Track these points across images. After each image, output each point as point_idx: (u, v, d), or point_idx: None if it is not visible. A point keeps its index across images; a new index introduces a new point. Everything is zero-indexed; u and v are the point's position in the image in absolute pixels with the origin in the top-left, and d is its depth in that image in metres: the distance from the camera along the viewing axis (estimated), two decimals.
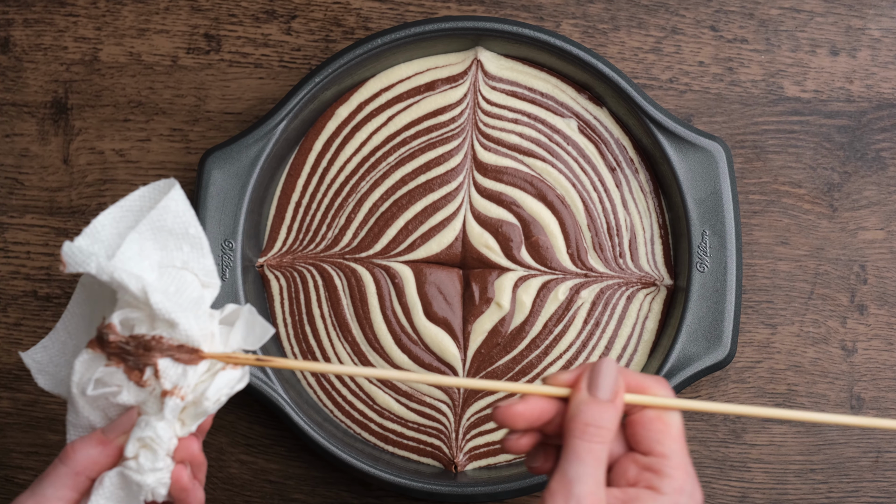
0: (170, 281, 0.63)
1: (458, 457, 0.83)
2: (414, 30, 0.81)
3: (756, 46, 0.87)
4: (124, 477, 0.62)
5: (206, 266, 0.64)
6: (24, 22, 0.87)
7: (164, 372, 0.61)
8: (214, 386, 0.62)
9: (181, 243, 0.64)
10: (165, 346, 0.61)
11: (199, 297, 0.63)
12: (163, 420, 0.62)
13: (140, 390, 0.62)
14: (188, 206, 0.64)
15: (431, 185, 0.84)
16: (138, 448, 0.62)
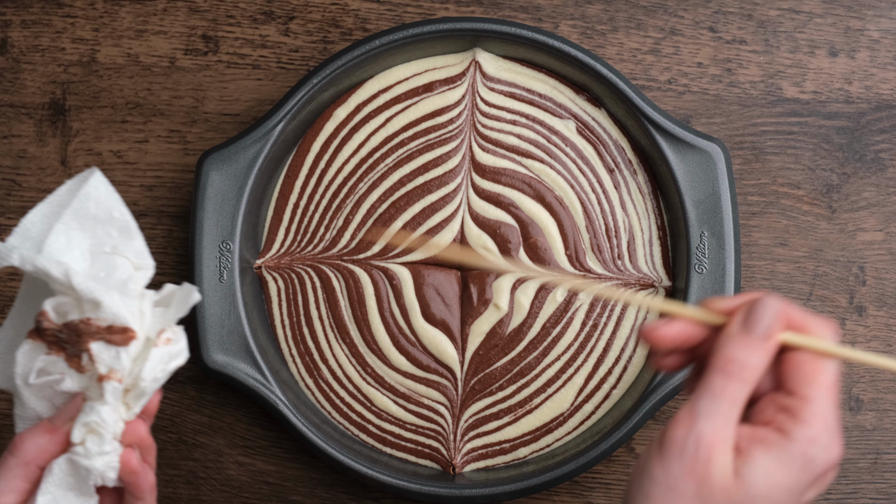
0: (101, 266, 0.64)
1: (455, 458, 0.83)
2: (412, 31, 0.81)
3: (755, 47, 0.86)
4: (73, 463, 0.63)
5: (136, 248, 0.65)
6: (21, 23, 0.87)
7: (97, 356, 0.62)
8: (149, 365, 0.62)
9: (108, 228, 0.64)
10: (94, 329, 0.62)
11: (129, 277, 0.64)
12: (106, 404, 0.62)
13: (81, 376, 0.63)
14: (111, 191, 0.64)
15: (430, 187, 0.84)
16: (84, 433, 0.62)
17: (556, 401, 0.83)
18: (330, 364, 0.83)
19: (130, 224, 0.65)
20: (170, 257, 0.86)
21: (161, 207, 0.86)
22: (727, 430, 0.56)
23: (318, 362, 0.83)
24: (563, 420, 0.83)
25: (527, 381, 0.83)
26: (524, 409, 0.83)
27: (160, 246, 0.86)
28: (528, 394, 0.83)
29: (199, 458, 0.85)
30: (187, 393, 0.85)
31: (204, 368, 0.81)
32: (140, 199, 0.86)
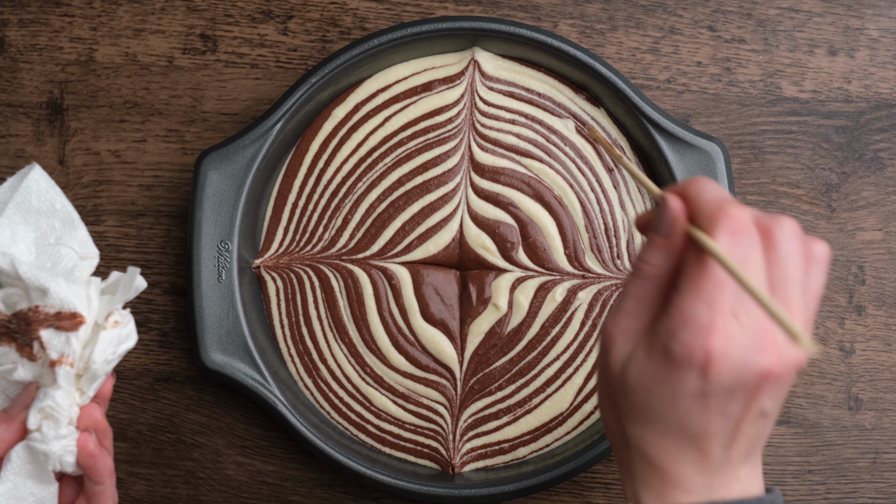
0: (46, 257, 0.65)
1: (455, 458, 0.83)
2: (411, 30, 0.81)
3: (754, 46, 0.86)
4: (30, 449, 0.64)
5: (80, 237, 0.66)
6: (19, 22, 0.86)
7: (48, 342, 0.63)
8: (99, 348, 0.64)
9: (52, 220, 0.66)
10: (43, 316, 0.63)
11: (75, 265, 0.65)
12: (60, 388, 0.63)
13: (33, 365, 0.64)
14: (51, 184, 0.66)
15: (428, 186, 0.83)
16: (40, 419, 0.64)
17: (556, 400, 0.83)
18: (329, 364, 0.83)
19: (73, 215, 0.66)
20: (168, 257, 0.86)
21: (159, 207, 0.86)
22: (628, 324, 0.57)
23: (316, 362, 0.83)
24: (563, 420, 0.83)
25: (526, 381, 0.83)
26: (523, 408, 0.83)
27: (158, 246, 0.86)
28: (528, 393, 0.83)
29: (198, 458, 0.85)
30: (186, 393, 0.85)
31: (202, 368, 0.80)
32: (138, 198, 0.86)
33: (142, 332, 0.85)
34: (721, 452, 0.57)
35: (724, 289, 0.54)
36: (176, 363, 0.85)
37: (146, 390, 0.85)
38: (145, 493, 0.85)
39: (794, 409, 0.85)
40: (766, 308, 0.52)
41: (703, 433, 0.56)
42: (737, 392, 0.55)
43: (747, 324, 0.55)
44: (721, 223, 0.54)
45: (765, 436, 0.59)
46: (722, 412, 0.56)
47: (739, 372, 0.55)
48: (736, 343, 0.54)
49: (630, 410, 0.58)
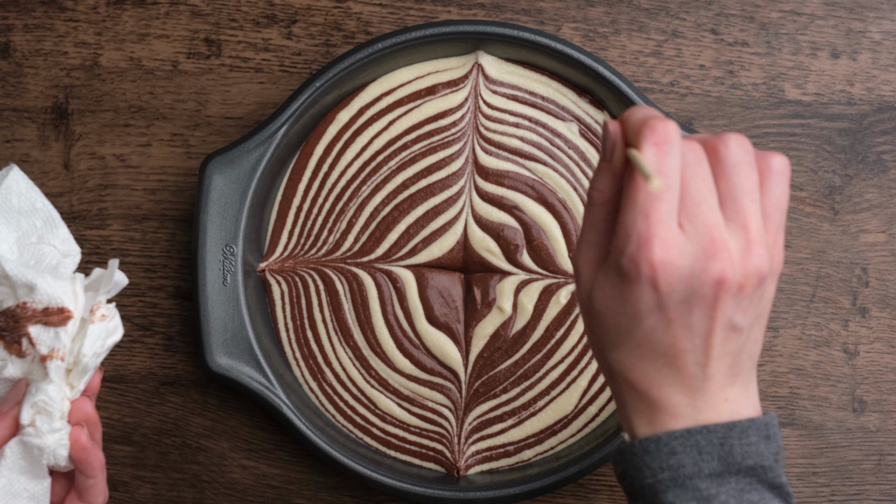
0: (30, 256, 0.66)
1: (460, 461, 0.83)
2: (415, 34, 0.81)
3: (757, 49, 0.87)
4: (24, 444, 0.64)
5: (61, 235, 0.67)
6: (24, 27, 0.87)
7: (37, 338, 0.64)
8: (88, 341, 0.64)
9: (33, 220, 0.67)
10: (31, 313, 0.64)
11: (59, 263, 0.66)
12: (52, 383, 0.64)
13: (22, 361, 0.64)
14: (30, 184, 0.67)
15: (433, 190, 0.84)
16: (33, 414, 0.64)
17: (561, 403, 0.83)
18: (334, 367, 0.83)
19: (53, 213, 0.67)
20: (173, 261, 0.86)
21: (164, 211, 0.86)
22: (590, 252, 0.59)
23: (321, 365, 0.83)
24: (568, 422, 0.83)
25: (531, 384, 0.83)
26: (528, 411, 0.83)
27: (163, 249, 0.86)
28: (532, 396, 0.83)
29: (203, 461, 0.85)
30: (191, 396, 0.85)
31: (208, 372, 0.81)
32: (143, 202, 0.86)
33: (147, 335, 0.86)
34: (698, 370, 0.58)
35: (658, 199, 0.56)
36: (181, 367, 0.86)
37: (151, 394, 0.85)
38: (150, 497, 0.85)
39: (798, 411, 0.85)
40: (639, 168, 0.55)
41: (674, 350, 0.58)
42: (694, 303, 0.57)
43: (693, 233, 0.56)
44: (645, 136, 0.56)
45: (748, 353, 0.59)
46: (686, 325, 0.57)
47: (690, 281, 0.56)
48: (680, 252, 0.56)
49: (604, 336, 0.59)
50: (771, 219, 0.59)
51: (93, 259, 0.86)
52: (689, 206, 0.56)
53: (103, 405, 0.85)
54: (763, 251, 0.57)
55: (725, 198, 0.57)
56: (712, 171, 0.57)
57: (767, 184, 0.59)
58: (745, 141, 0.58)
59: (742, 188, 0.57)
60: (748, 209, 0.57)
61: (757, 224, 0.57)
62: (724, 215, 0.57)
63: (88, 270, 0.85)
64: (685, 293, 0.56)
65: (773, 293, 0.60)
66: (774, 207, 0.59)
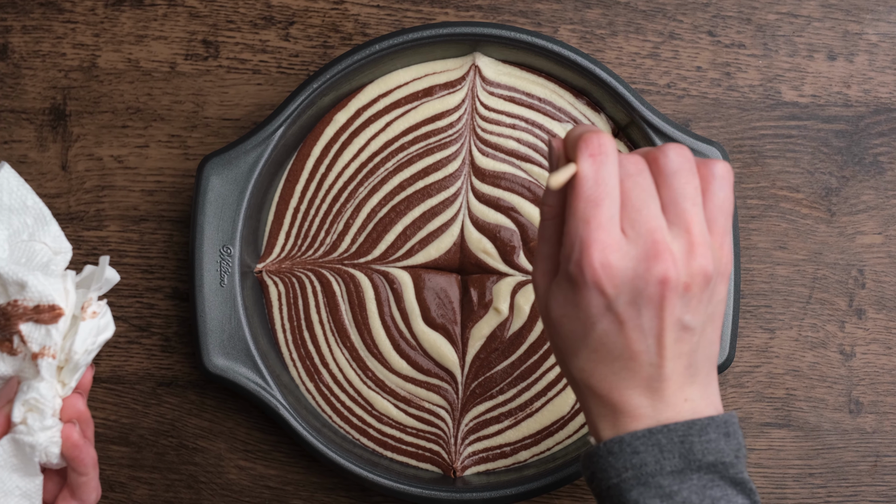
0: (21, 253, 0.66)
1: (456, 462, 0.83)
2: (412, 35, 0.81)
3: (753, 51, 0.87)
4: (16, 442, 0.64)
5: (52, 233, 0.67)
6: (22, 28, 0.87)
7: (28, 336, 0.64)
8: (80, 338, 0.64)
9: (24, 217, 0.67)
10: (22, 310, 0.64)
11: (50, 260, 0.66)
12: (43, 380, 0.64)
13: (14, 359, 0.64)
14: (21, 182, 0.67)
15: (429, 191, 0.84)
16: (25, 412, 0.64)
17: (557, 404, 0.83)
18: (330, 368, 0.83)
19: (44, 211, 0.67)
20: (170, 262, 0.86)
21: (161, 212, 0.86)
22: (546, 266, 0.62)
23: (318, 366, 0.83)
24: (564, 423, 0.83)
25: (527, 385, 0.83)
26: (525, 412, 0.83)
27: (161, 251, 0.86)
28: (529, 397, 0.83)
29: (200, 462, 0.85)
30: (188, 397, 0.85)
31: (205, 373, 0.81)
32: (140, 203, 0.86)
33: (144, 336, 0.86)
34: (654, 371, 0.60)
35: (597, 205, 0.58)
36: (178, 367, 0.86)
37: (148, 395, 0.86)
38: (147, 498, 0.85)
39: (794, 412, 0.85)
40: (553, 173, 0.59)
41: (629, 352, 0.60)
42: (642, 303, 0.59)
43: (635, 237, 0.59)
44: (580, 148, 0.59)
45: (705, 354, 0.61)
46: (637, 327, 0.59)
47: (635, 282, 0.58)
48: (622, 254, 0.58)
49: (563, 344, 0.61)
50: (716, 222, 0.61)
51: (90, 260, 0.86)
52: (631, 212, 0.59)
53: (100, 406, 0.85)
54: (707, 252, 0.59)
55: (667, 203, 0.60)
56: (654, 181, 0.60)
57: (710, 188, 0.61)
58: (683, 149, 0.61)
59: (683, 193, 0.60)
60: (689, 212, 0.60)
61: (700, 226, 0.60)
62: (667, 220, 0.60)
63: None
64: (631, 294, 0.59)
65: (725, 295, 0.62)
66: (718, 211, 0.61)
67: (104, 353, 0.86)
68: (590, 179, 0.59)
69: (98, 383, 0.85)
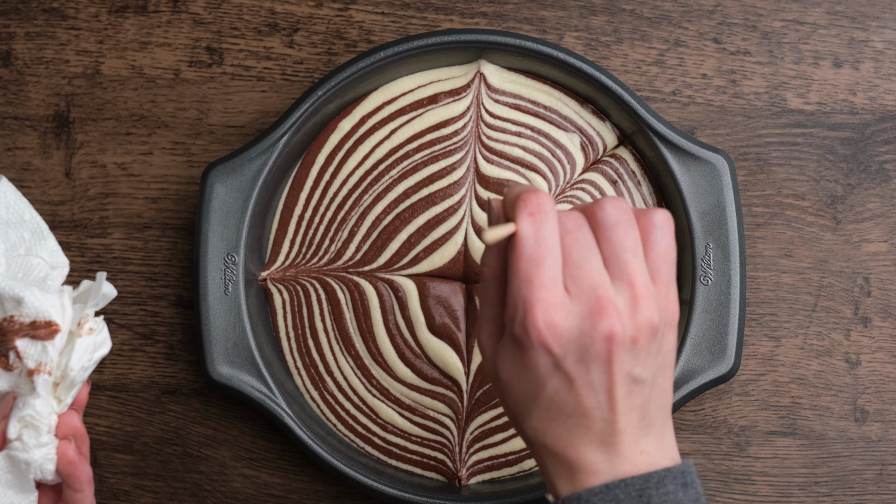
0: (17, 268, 0.66)
1: (461, 471, 0.83)
2: (417, 43, 0.81)
3: (759, 59, 0.86)
4: (11, 459, 0.64)
5: (49, 247, 0.67)
6: (25, 35, 0.86)
7: (24, 352, 0.63)
8: (76, 355, 0.64)
9: (21, 231, 0.66)
10: (18, 326, 0.63)
11: (46, 275, 0.66)
12: (39, 397, 0.64)
13: (9, 375, 0.64)
14: (19, 196, 0.67)
15: (434, 199, 0.83)
16: (20, 429, 0.64)
17: None
18: (335, 376, 0.83)
19: (41, 225, 0.67)
20: (174, 269, 0.86)
21: (165, 220, 0.86)
22: (490, 328, 0.62)
23: (323, 374, 0.83)
24: None
25: None
26: None
27: (164, 258, 0.86)
28: None
29: (204, 470, 0.85)
30: (192, 405, 0.85)
31: (209, 381, 0.81)
32: (144, 211, 0.86)
33: (148, 344, 0.86)
34: (607, 426, 0.59)
35: (539, 264, 0.58)
36: (182, 375, 0.86)
37: (152, 403, 0.85)
38: None
39: (800, 420, 0.85)
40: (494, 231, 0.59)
41: (581, 409, 0.59)
42: (590, 360, 0.58)
43: (579, 294, 0.59)
44: (519, 208, 0.59)
45: (657, 405, 0.61)
46: (587, 384, 0.59)
47: (581, 340, 0.58)
48: (567, 313, 0.58)
49: (514, 405, 0.61)
50: (659, 271, 0.61)
51: (94, 268, 0.86)
52: (573, 269, 0.59)
53: (104, 414, 0.85)
54: (652, 303, 0.59)
55: (608, 257, 0.60)
56: (594, 235, 0.60)
57: (651, 238, 0.61)
58: (620, 201, 0.61)
59: (622, 245, 0.60)
60: (631, 264, 0.59)
61: (642, 278, 0.59)
62: (609, 274, 0.59)
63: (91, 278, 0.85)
64: (579, 352, 0.58)
65: (674, 343, 0.62)
66: (661, 260, 0.61)
67: (108, 360, 0.85)
68: (530, 238, 0.58)
69: (102, 391, 0.85)
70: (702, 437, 0.85)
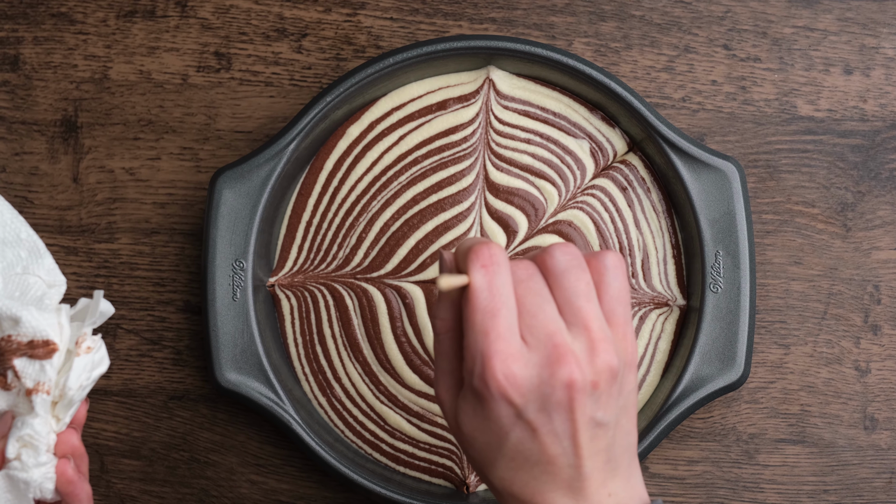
0: (14, 287, 0.66)
1: (469, 477, 0.83)
2: (426, 49, 0.81)
3: (769, 65, 0.86)
4: (10, 478, 0.64)
5: (46, 265, 0.67)
6: (33, 40, 0.86)
7: (22, 371, 0.63)
8: (74, 374, 0.64)
9: (17, 250, 0.66)
10: (16, 346, 0.63)
11: (44, 294, 0.66)
12: (38, 416, 0.63)
13: (7, 394, 0.64)
14: (15, 214, 0.67)
15: (443, 205, 0.83)
16: (19, 448, 0.64)
17: None
18: (343, 382, 0.83)
19: (38, 244, 0.67)
20: (182, 275, 0.86)
21: (173, 225, 0.86)
22: (448, 382, 0.62)
23: (331, 381, 0.83)
24: None
25: None
26: None
27: (172, 264, 0.86)
28: None
29: (212, 476, 0.85)
30: (199, 411, 0.85)
31: (216, 387, 0.80)
32: (152, 216, 0.86)
33: (155, 349, 0.85)
34: (573, 472, 0.59)
35: (494, 315, 0.58)
36: (190, 381, 0.85)
37: (160, 408, 0.85)
38: None
39: (809, 428, 0.85)
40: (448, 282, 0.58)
41: (546, 456, 0.59)
42: (552, 409, 0.58)
43: (536, 344, 0.58)
44: (471, 260, 0.59)
45: (622, 446, 0.61)
46: (551, 432, 0.59)
47: (541, 389, 0.58)
48: (525, 363, 0.58)
49: (479, 457, 0.61)
50: (614, 313, 0.61)
51: (101, 273, 0.85)
52: (527, 318, 0.59)
53: (111, 419, 0.85)
54: (609, 346, 0.59)
55: (562, 304, 0.59)
56: (547, 283, 0.60)
57: (604, 280, 0.61)
58: (569, 247, 0.60)
59: (575, 291, 0.59)
60: (585, 309, 0.59)
61: (598, 322, 0.59)
62: (565, 321, 0.59)
63: (98, 284, 0.85)
64: (540, 401, 0.58)
65: (635, 383, 0.61)
66: (616, 302, 0.61)
67: (115, 366, 0.85)
68: (484, 290, 0.58)
69: (109, 396, 0.85)
70: (710, 445, 0.85)
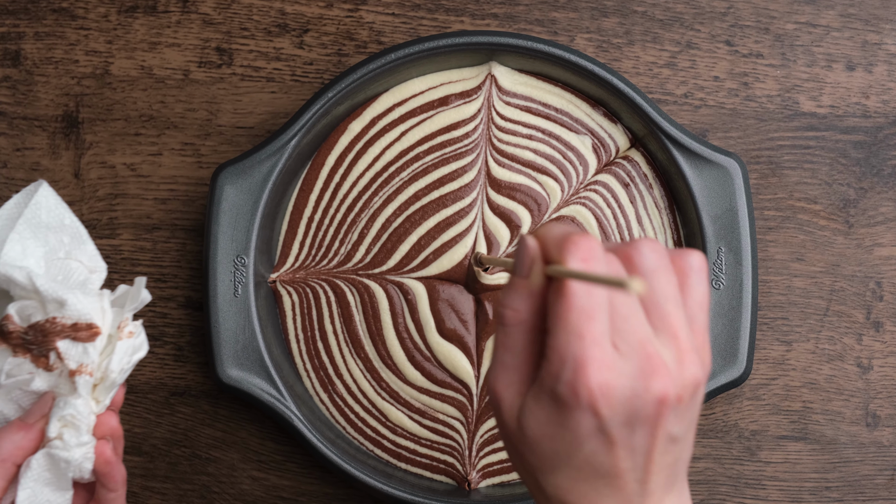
0: (57, 271, 0.66)
1: (471, 474, 0.83)
2: (427, 44, 0.81)
3: (771, 61, 0.86)
4: (51, 457, 0.65)
5: (88, 251, 0.68)
6: (35, 35, 0.86)
7: (65, 353, 0.64)
8: (116, 357, 0.65)
9: (60, 235, 0.67)
10: (60, 328, 0.64)
11: (86, 279, 0.67)
12: (80, 397, 0.65)
13: (50, 375, 0.65)
14: (59, 200, 0.67)
15: (444, 201, 0.83)
16: (60, 427, 0.65)
17: None
18: (344, 379, 0.83)
19: (81, 230, 0.68)
20: (183, 271, 0.85)
21: (175, 221, 0.86)
22: (509, 377, 0.56)
23: (332, 377, 0.83)
24: None
25: None
26: None
27: (174, 259, 0.86)
28: None
29: (213, 472, 0.85)
30: (201, 407, 0.85)
31: (218, 383, 0.80)
32: (153, 212, 0.86)
33: (157, 345, 0.85)
34: (638, 487, 0.56)
35: (591, 318, 0.53)
36: (191, 377, 0.85)
37: (161, 404, 0.85)
38: None
39: (811, 425, 0.85)
40: (607, 283, 0.50)
41: (615, 471, 0.55)
42: (637, 423, 0.54)
43: (629, 352, 0.53)
44: (570, 251, 0.53)
45: (684, 460, 0.57)
46: (628, 447, 0.54)
47: (632, 402, 0.53)
48: (618, 373, 0.53)
49: (539, 463, 0.56)
50: (696, 320, 0.56)
51: None
52: (619, 322, 0.54)
53: None
54: (695, 358, 0.55)
55: (650, 307, 0.55)
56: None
57: (688, 283, 0.56)
58: (656, 244, 0.56)
59: (664, 294, 0.55)
60: (673, 315, 0.55)
61: (685, 330, 0.55)
62: (651, 325, 0.55)
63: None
64: (627, 415, 0.54)
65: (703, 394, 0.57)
66: (698, 308, 0.56)
67: None
68: (582, 288, 0.52)
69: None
70: (713, 442, 0.85)
